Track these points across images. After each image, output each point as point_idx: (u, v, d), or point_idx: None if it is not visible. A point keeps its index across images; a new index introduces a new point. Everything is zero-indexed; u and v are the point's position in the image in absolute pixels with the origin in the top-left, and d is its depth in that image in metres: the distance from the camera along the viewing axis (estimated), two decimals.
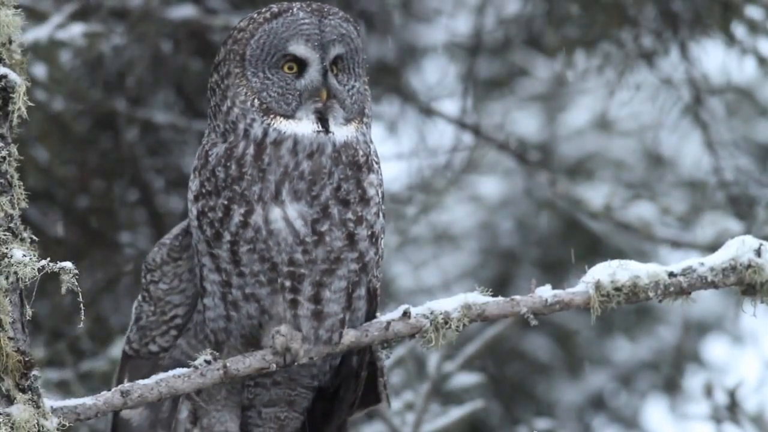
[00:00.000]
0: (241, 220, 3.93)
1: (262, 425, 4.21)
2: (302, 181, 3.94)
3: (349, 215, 3.96)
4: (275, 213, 3.93)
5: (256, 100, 3.99)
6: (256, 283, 3.97)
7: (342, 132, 3.98)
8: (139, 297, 4.22)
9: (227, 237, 3.95)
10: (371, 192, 4.00)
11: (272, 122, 3.97)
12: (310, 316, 3.98)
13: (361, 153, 3.99)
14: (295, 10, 3.99)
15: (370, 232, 3.99)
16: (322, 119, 3.99)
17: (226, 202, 3.94)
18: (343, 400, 4.21)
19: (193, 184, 4.00)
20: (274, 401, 4.19)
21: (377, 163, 4.05)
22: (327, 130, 3.97)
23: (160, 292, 4.19)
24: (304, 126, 3.97)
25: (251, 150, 3.94)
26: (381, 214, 4.05)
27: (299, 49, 3.99)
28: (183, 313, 4.20)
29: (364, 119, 4.04)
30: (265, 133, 3.96)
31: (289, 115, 3.98)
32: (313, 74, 3.99)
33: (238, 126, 3.98)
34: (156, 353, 4.22)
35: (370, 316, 4.08)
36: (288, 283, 3.96)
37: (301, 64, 4.00)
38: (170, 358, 4.21)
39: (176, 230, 4.17)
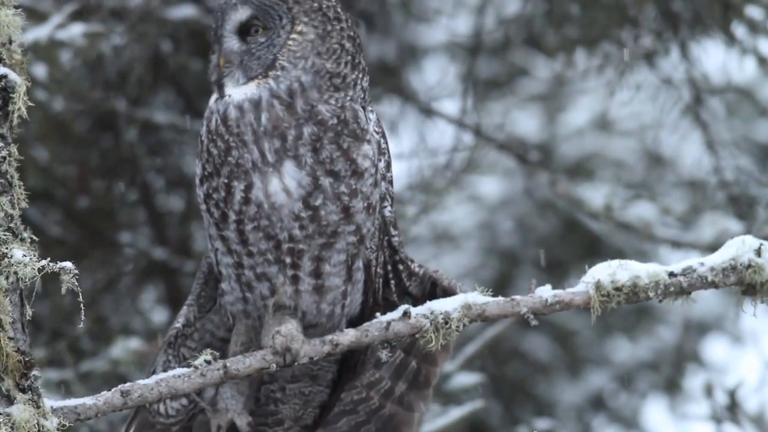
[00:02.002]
0: (242, 197, 3.96)
1: (287, 402, 4.23)
2: (273, 138, 3.94)
3: (343, 188, 3.96)
4: (274, 185, 3.95)
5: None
6: (265, 261, 3.99)
7: (239, 92, 3.99)
8: (169, 352, 4.22)
9: (232, 216, 3.97)
10: (365, 164, 3.99)
11: (210, 99, 4.06)
12: (311, 290, 4.00)
13: (327, 114, 3.96)
14: None
15: (365, 204, 4.00)
16: (220, 85, 4.03)
17: (226, 180, 3.97)
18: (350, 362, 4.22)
19: (198, 169, 4.04)
20: (297, 377, 4.21)
21: (378, 133, 4.04)
22: (222, 95, 4.00)
23: (187, 351, 4.21)
24: (213, 97, 4.05)
25: (219, 122, 3.99)
26: (383, 183, 4.04)
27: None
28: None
29: (272, 72, 3.98)
30: (210, 113, 4.04)
31: (212, 90, 4.07)
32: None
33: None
34: (161, 413, 4.25)
35: (367, 287, 4.09)
36: (288, 259, 3.97)
37: None
38: (199, 337, 4.23)
39: (196, 288, 4.21)
